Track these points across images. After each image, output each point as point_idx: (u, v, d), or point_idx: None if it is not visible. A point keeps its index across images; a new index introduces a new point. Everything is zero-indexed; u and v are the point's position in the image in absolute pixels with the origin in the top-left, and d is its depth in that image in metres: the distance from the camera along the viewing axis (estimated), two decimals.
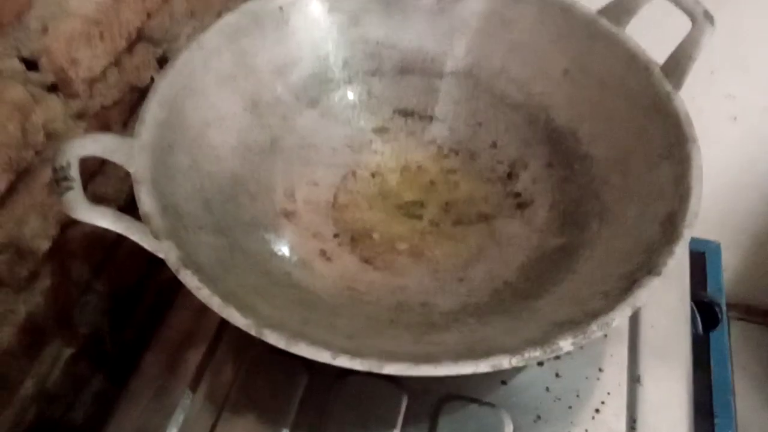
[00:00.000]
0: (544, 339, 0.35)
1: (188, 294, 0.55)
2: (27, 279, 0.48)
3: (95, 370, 0.59)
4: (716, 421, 0.57)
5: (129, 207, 0.58)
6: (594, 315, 0.36)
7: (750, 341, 1.18)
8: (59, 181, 0.38)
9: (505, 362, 0.34)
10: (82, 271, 0.55)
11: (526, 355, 0.34)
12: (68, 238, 0.52)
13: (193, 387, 0.49)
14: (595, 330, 0.35)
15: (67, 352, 0.55)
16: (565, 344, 0.35)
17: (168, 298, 0.56)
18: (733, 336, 0.79)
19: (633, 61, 0.49)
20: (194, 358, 0.51)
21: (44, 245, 0.49)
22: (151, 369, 0.51)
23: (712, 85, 0.86)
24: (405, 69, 0.59)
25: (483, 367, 0.34)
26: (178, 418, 0.47)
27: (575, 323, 0.36)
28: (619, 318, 0.36)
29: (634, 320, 0.50)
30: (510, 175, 0.55)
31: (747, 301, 1.20)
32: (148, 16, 0.55)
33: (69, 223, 0.51)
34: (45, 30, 0.45)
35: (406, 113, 0.60)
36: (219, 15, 0.67)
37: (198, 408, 0.48)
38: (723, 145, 0.93)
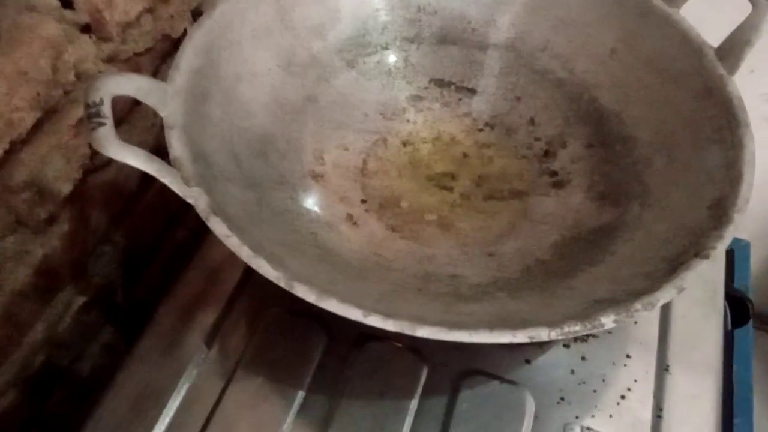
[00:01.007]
0: (585, 314, 0.34)
1: (204, 255, 0.55)
2: (45, 221, 0.47)
3: (105, 321, 0.58)
4: (735, 421, 0.56)
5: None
6: (637, 294, 0.35)
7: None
8: (91, 117, 0.36)
9: (543, 334, 0.32)
10: (101, 220, 0.54)
11: (566, 328, 0.33)
12: (89, 185, 0.50)
13: (208, 343, 0.48)
14: (639, 308, 0.34)
15: (80, 300, 0.54)
16: (607, 321, 0.33)
17: (182, 259, 0.55)
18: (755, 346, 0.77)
19: (686, 42, 0.47)
20: (210, 315, 0.50)
21: (65, 188, 0.47)
22: (165, 322, 0.50)
23: (749, 83, 0.83)
24: (445, 38, 0.57)
25: (520, 337, 0.32)
26: (191, 373, 0.46)
27: (616, 301, 0.35)
28: (664, 299, 0.34)
29: (666, 309, 0.49)
30: (547, 153, 0.53)
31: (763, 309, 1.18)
32: None
33: (91, 169, 0.50)
34: None
35: (442, 83, 0.58)
36: None
37: (211, 365, 0.47)
38: (757, 146, 0.91)
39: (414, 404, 0.44)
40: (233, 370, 0.46)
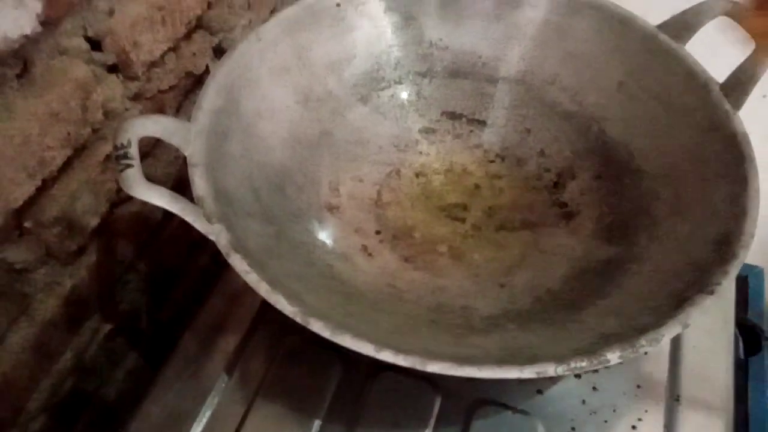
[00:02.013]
0: (591, 350, 0.35)
1: (226, 281, 0.57)
2: (75, 253, 0.49)
3: (130, 347, 0.60)
4: None
5: (176, 191, 0.59)
6: (642, 330, 0.36)
7: None
8: (120, 158, 0.38)
9: (550, 370, 0.33)
10: (126, 250, 0.56)
11: (573, 364, 0.34)
12: (116, 217, 0.53)
13: (229, 371, 0.49)
14: (644, 345, 0.35)
15: (106, 327, 0.56)
16: (613, 357, 0.34)
17: (205, 284, 0.57)
18: None
19: (692, 78, 0.49)
20: (231, 343, 0.51)
21: (93, 222, 0.50)
22: (188, 349, 0.51)
23: (763, 108, 0.84)
24: (456, 72, 0.59)
25: (528, 372, 0.33)
26: (213, 400, 0.48)
27: (623, 337, 0.36)
28: (669, 335, 0.35)
29: (676, 340, 0.49)
30: (557, 185, 0.55)
31: None
32: (209, 5, 0.56)
33: (118, 202, 0.52)
34: (111, 12, 0.47)
35: (454, 116, 0.60)
36: (273, 9, 0.68)
37: (232, 392, 0.48)
38: None
39: None
40: (253, 398, 0.47)
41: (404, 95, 0.59)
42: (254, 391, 0.48)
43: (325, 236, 0.50)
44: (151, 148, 0.56)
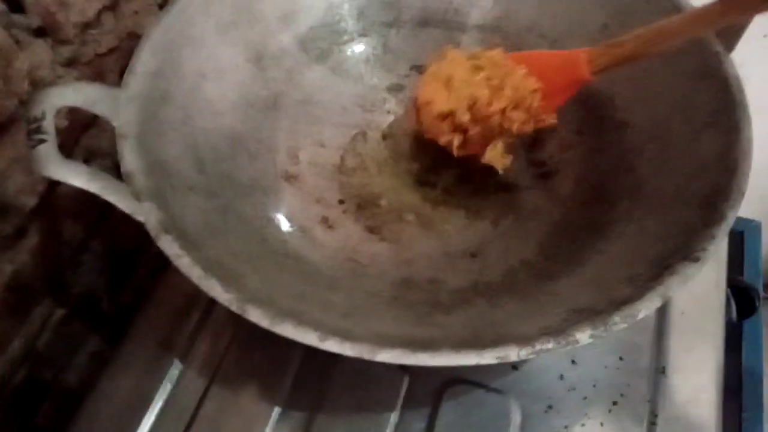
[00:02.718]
0: (560, 328, 0.31)
1: None
2: (12, 237, 0.46)
3: (90, 330, 0.57)
4: (744, 415, 0.53)
5: None
6: (618, 303, 0.32)
7: None
8: (31, 133, 0.34)
9: (512, 354, 0.30)
10: (75, 229, 0.52)
11: (537, 346, 0.30)
12: (58, 195, 0.49)
13: (184, 356, 0.46)
14: (617, 322, 0.31)
15: (59, 312, 0.52)
16: (583, 336, 0.31)
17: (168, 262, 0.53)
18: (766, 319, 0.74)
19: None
20: (187, 325, 0.48)
21: (30, 201, 0.46)
22: (141, 335, 0.48)
23: (764, 49, 0.78)
24: (425, 21, 0.54)
25: (487, 358, 0.30)
26: (165, 388, 0.45)
27: (596, 312, 0.32)
28: (647, 309, 0.31)
29: (662, 306, 0.46)
30: (535, 142, 0.50)
31: None
32: None
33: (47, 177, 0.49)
34: None
35: (424, 70, 0.55)
36: None
37: (187, 379, 0.45)
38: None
39: (395, 417, 0.42)
40: (209, 383, 0.45)
41: (369, 49, 0.55)
42: (210, 375, 0.45)
43: (281, 208, 0.46)
44: (94, 117, 0.51)
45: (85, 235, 0.54)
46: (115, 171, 0.54)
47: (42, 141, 0.34)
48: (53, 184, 0.48)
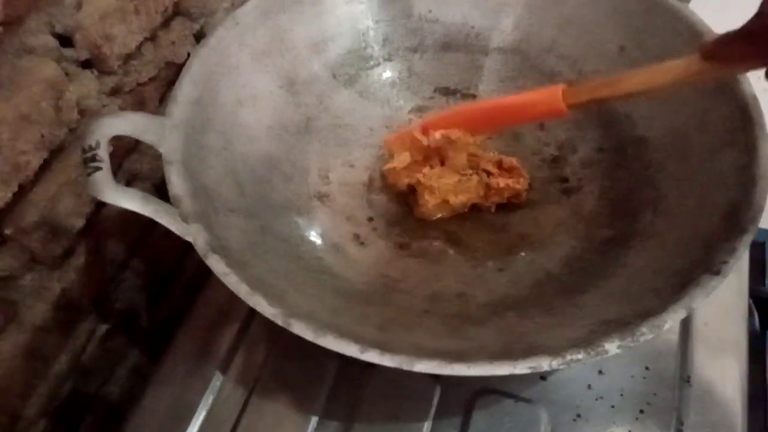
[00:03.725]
0: (589, 339, 0.33)
1: None
2: (61, 256, 0.48)
3: (131, 345, 0.60)
4: None
5: (164, 185, 0.58)
6: (644, 315, 0.34)
7: None
8: (87, 161, 0.37)
9: (544, 364, 0.32)
10: (118, 248, 0.55)
11: (568, 357, 0.32)
12: (103, 216, 0.51)
13: (224, 369, 0.48)
14: (644, 332, 0.32)
15: (103, 327, 0.55)
16: (611, 347, 0.32)
17: (205, 274, 0.55)
18: None
19: (696, 38, 0.45)
20: (226, 338, 0.50)
21: (78, 223, 0.48)
22: (183, 349, 0.50)
23: None
24: (448, 45, 0.56)
25: (520, 368, 0.32)
26: (208, 399, 0.47)
27: (623, 323, 0.34)
28: (672, 321, 0.33)
29: (686, 316, 0.47)
30: (557, 159, 0.52)
31: None
32: None
33: (103, 201, 0.51)
34: (79, 6, 0.44)
35: (447, 91, 0.57)
36: None
37: (227, 390, 0.47)
38: None
39: (428, 426, 0.43)
40: (249, 394, 0.47)
41: (394, 73, 0.57)
42: (250, 388, 0.47)
43: (314, 227, 0.48)
44: (135, 142, 0.54)
45: (127, 254, 0.56)
46: (156, 193, 0.58)
47: (98, 168, 0.36)
48: (99, 206, 0.51)
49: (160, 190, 0.58)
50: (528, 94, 0.46)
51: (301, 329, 0.33)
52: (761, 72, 0.38)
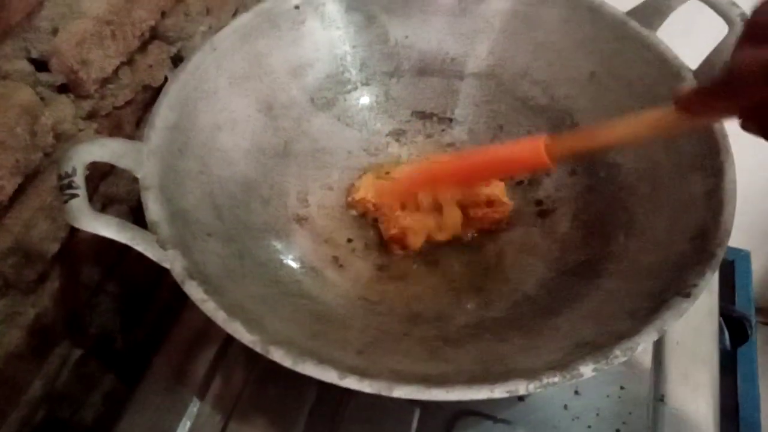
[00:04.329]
0: (564, 362, 0.33)
1: None
2: (35, 281, 0.47)
3: (105, 370, 0.59)
4: None
5: (140, 208, 0.57)
6: (618, 337, 0.34)
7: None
8: (63, 188, 0.37)
9: (521, 388, 0.32)
10: (93, 272, 0.54)
11: (545, 380, 0.32)
12: (78, 240, 0.51)
13: (201, 394, 0.48)
14: (618, 355, 0.33)
15: (77, 352, 0.54)
16: (586, 370, 0.33)
17: (181, 297, 0.55)
18: (760, 341, 0.76)
19: (664, 65, 0.47)
20: (203, 362, 0.50)
21: (53, 248, 0.48)
22: (159, 373, 0.50)
23: None
24: (424, 70, 0.57)
25: (498, 392, 0.32)
26: (185, 425, 0.46)
27: (597, 346, 0.34)
28: (644, 343, 0.34)
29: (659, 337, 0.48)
30: (531, 182, 0.53)
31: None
32: (162, 14, 0.54)
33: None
34: (55, 31, 0.44)
35: (424, 115, 0.58)
36: (235, 12, 0.66)
37: (205, 416, 0.47)
38: (754, 150, 0.90)
39: None
40: (227, 420, 0.46)
41: (372, 97, 0.58)
42: (228, 413, 0.46)
43: (293, 250, 0.49)
44: (110, 166, 0.53)
45: (102, 278, 0.56)
46: (131, 215, 0.57)
47: (74, 195, 0.36)
48: (74, 231, 0.50)
49: (136, 213, 0.58)
50: (511, 147, 0.46)
51: (280, 356, 0.33)
52: None
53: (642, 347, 0.34)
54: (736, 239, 0.63)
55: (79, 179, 0.37)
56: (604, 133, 0.39)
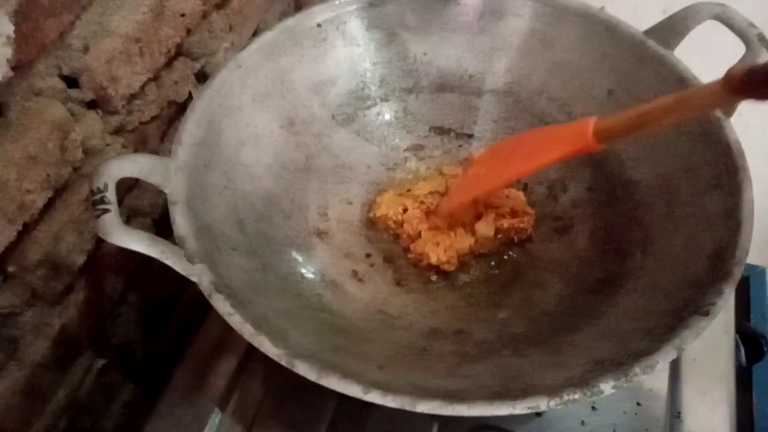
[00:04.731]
0: (584, 379, 0.34)
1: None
2: (62, 293, 0.49)
3: (126, 380, 0.60)
4: None
5: (163, 221, 0.59)
6: (637, 355, 0.35)
7: None
8: (96, 204, 0.38)
9: (542, 404, 0.33)
10: (116, 284, 0.55)
11: (565, 397, 0.33)
12: (103, 253, 0.52)
13: (222, 405, 0.49)
14: (637, 373, 0.34)
15: (99, 362, 0.55)
16: (606, 387, 0.33)
17: (201, 308, 0.56)
18: None
19: (682, 84, 0.47)
20: (225, 373, 0.51)
21: (80, 260, 0.49)
22: (181, 384, 0.51)
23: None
24: (443, 86, 0.58)
25: (519, 408, 0.33)
26: None
27: (616, 363, 0.35)
28: (663, 361, 0.34)
29: None
30: (548, 198, 0.53)
31: None
32: (188, 32, 0.55)
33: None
34: (86, 49, 0.46)
35: (442, 131, 0.59)
36: (256, 29, 0.67)
37: (226, 427, 0.48)
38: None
39: None
40: (248, 430, 0.47)
41: (391, 113, 0.58)
42: (248, 424, 0.47)
43: (313, 264, 0.49)
44: (135, 179, 0.55)
45: (125, 289, 0.57)
46: (154, 228, 0.58)
47: (106, 211, 0.37)
48: (100, 243, 0.51)
49: (158, 225, 0.59)
50: (559, 130, 0.46)
51: (305, 370, 0.34)
52: (741, 108, 0.39)
53: (661, 366, 0.34)
54: (751, 255, 0.63)
55: (110, 195, 0.38)
56: (650, 112, 0.39)
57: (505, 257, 0.52)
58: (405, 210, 0.53)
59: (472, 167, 0.53)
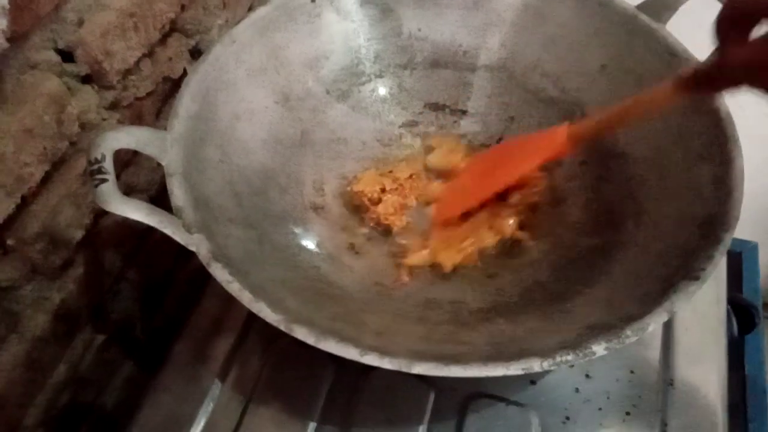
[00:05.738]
0: (577, 342, 0.35)
1: (216, 284, 0.56)
2: (61, 267, 0.49)
3: (125, 355, 0.60)
4: (750, 426, 0.56)
5: (159, 197, 0.59)
6: (628, 319, 0.35)
7: None
8: (93, 173, 0.38)
9: (536, 365, 0.33)
10: (115, 259, 0.56)
11: (558, 358, 0.34)
12: (101, 227, 0.52)
13: (222, 377, 0.49)
14: (629, 335, 0.34)
15: (99, 338, 0.56)
16: (599, 349, 0.34)
17: (199, 285, 0.56)
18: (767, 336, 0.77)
19: (673, 58, 0.48)
20: (223, 347, 0.51)
21: (78, 234, 0.49)
22: (181, 358, 0.51)
23: None
24: (437, 62, 0.58)
25: (513, 369, 0.33)
26: (207, 407, 0.48)
27: (609, 327, 0.36)
28: (655, 323, 0.35)
29: (668, 322, 0.49)
30: (543, 170, 0.54)
31: None
32: (182, 8, 0.55)
33: (102, 213, 0.52)
34: (81, 22, 0.46)
35: (437, 107, 0.59)
36: (250, 6, 0.67)
37: (226, 398, 0.48)
38: (763, 142, 0.90)
39: (422, 430, 0.45)
40: (247, 402, 0.48)
41: (385, 89, 0.59)
42: (248, 395, 0.48)
43: (310, 237, 0.50)
44: (132, 155, 0.55)
45: (123, 265, 0.57)
46: (152, 204, 0.59)
47: (104, 180, 0.38)
48: (98, 217, 0.51)
49: (155, 202, 0.59)
50: (535, 139, 0.50)
51: (303, 334, 0.35)
52: None
53: (652, 327, 0.35)
54: (744, 231, 0.64)
55: (108, 165, 0.38)
56: (616, 115, 0.44)
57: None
58: (383, 189, 0.53)
59: (457, 179, 0.55)
